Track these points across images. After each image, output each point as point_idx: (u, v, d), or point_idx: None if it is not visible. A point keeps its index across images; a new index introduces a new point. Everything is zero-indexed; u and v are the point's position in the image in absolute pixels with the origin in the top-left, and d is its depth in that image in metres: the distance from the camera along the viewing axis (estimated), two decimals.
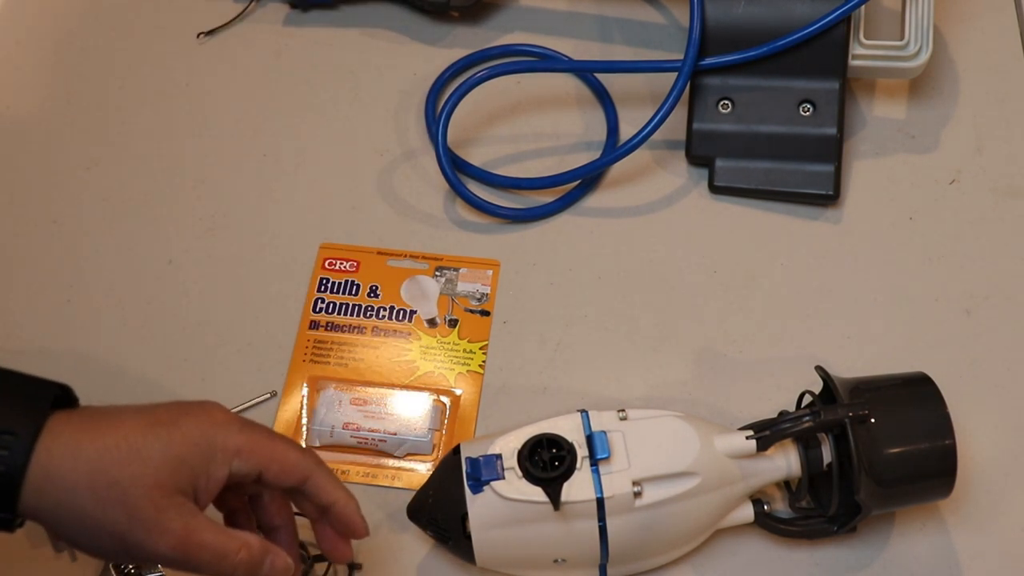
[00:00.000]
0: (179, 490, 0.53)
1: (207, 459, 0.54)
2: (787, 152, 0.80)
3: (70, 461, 0.52)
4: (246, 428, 0.56)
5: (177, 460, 0.53)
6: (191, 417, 0.55)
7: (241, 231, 0.82)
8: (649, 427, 0.64)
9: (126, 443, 0.53)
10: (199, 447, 0.54)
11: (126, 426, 0.53)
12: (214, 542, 0.54)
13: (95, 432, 0.53)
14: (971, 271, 0.78)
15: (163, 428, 0.53)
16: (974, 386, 0.73)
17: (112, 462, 0.52)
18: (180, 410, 0.55)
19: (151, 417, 0.54)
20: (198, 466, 0.54)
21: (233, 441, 0.55)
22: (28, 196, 0.83)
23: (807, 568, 0.68)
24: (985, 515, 0.69)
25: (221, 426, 0.55)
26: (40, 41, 0.91)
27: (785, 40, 0.79)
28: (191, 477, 0.54)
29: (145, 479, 0.52)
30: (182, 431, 0.54)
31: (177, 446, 0.53)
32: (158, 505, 0.52)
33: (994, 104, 0.85)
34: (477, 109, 0.85)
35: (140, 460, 0.52)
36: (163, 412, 0.55)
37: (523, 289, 0.79)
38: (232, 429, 0.55)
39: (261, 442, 0.56)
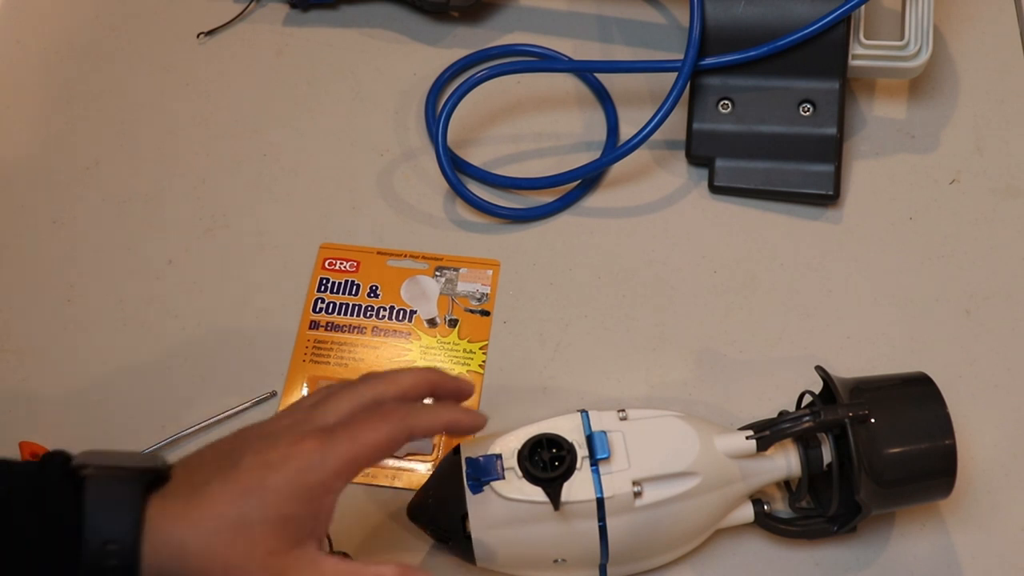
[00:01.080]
0: (294, 545, 0.52)
1: (309, 505, 0.52)
2: (787, 152, 0.80)
3: (179, 558, 0.51)
4: (330, 446, 0.53)
5: (280, 520, 0.51)
6: (275, 472, 0.52)
7: (241, 231, 0.82)
8: (649, 427, 0.64)
9: (225, 523, 0.51)
10: (297, 498, 0.52)
11: (218, 503, 0.51)
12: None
13: (194, 520, 0.51)
14: (971, 271, 0.78)
15: (254, 496, 0.51)
16: (974, 386, 0.73)
17: (220, 547, 0.51)
18: (262, 464, 0.52)
19: (239, 486, 0.52)
20: (303, 515, 0.52)
21: (326, 475, 0.52)
22: (28, 196, 0.83)
23: (807, 568, 0.68)
24: (985, 515, 0.69)
25: (307, 463, 0.52)
26: (40, 41, 0.91)
27: (785, 40, 0.79)
28: (299, 528, 0.52)
29: (256, 552, 0.51)
30: (273, 492, 0.51)
31: (274, 508, 0.51)
32: (277, 571, 0.51)
33: (994, 104, 0.85)
34: (477, 109, 0.85)
35: (245, 536, 0.51)
36: (247, 475, 0.52)
37: (523, 289, 0.79)
38: (317, 460, 0.52)
39: (352, 455, 0.53)
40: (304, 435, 0.53)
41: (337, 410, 0.55)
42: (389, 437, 0.54)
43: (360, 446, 0.53)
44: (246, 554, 0.51)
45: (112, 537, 0.50)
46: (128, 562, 0.50)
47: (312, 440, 0.53)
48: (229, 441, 0.55)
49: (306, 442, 0.53)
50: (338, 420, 0.54)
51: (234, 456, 0.53)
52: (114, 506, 0.51)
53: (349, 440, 0.53)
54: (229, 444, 0.54)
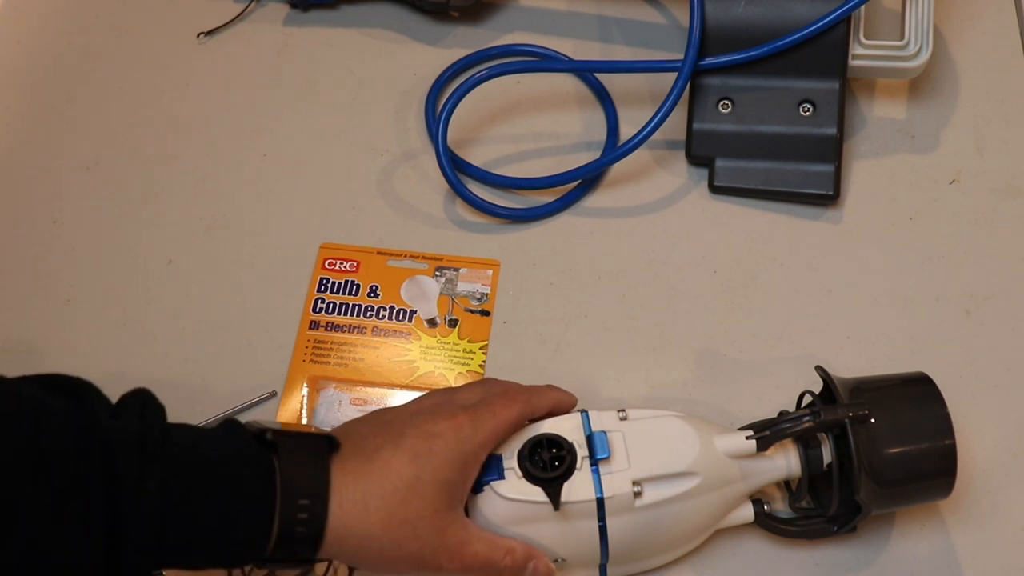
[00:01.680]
0: (451, 507, 0.59)
1: (464, 471, 0.60)
2: (787, 152, 0.80)
3: (362, 512, 0.57)
4: (477, 422, 0.60)
5: (444, 484, 0.58)
6: (439, 440, 0.59)
7: (241, 231, 0.82)
8: (649, 427, 0.64)
9: (402, 483, 0.57)
10: (456, 464, 0.59)
11: (394, 467, 0.58)
12: (484, 551, 0.60)
13: (373, 480, 0.57)
14: (971, 271, 0.78)
15: (424, 460, 0.58)
16: (974, 386, 0.73)
17: (397, 504, 0.57)
18: (426, 434, 0.59)
19: (409, 451, 0.58)
20: (459, 481, 0.59)
21: (477, 444, 0.60)
22: (28, 196, 0.83)
23: (807, 568, 0.68)
24: (985, 515, 0.69)
25: (463, 435, 0.60)
26: (40, 41, 0.91)
27: (785, 40, 0.79)
28: (455, 492, 0.59)
29: (426, 510, 0.58)
30: (439, 457, 0.58)
31: (440, 471, 0.58)
32: (439, 528, 0.58)
33: (994, 104, 0.85)
34: (477, 109, 0.85)
35: (418, 495, 0.58)
36: (415, 442, 0.59)
37: (523, 289, 0.79)
38: (469, 432, 0.60)
39: (496, 428, 0.61)
40: (456, 411, 0.61)
41: (473, 395, 0.63)
42: (520, 413, 0.63)
43: (500, 420, 0.61)
44: (419, 510, 0.58)
45: (305, 494, 0.56)
46: (318, 517, 0.56)
47: (465, 416, 0.60)
48: (381, 416, 0.62)
49: (460, 417, 0.60)
50: (477, 402, 0.62)
51: (396, 427, 0.60)
52: (306, 466, 0.57)
53: (491, 416, 0.61)
54: (384, 418, 0.61)
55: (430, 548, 0.58)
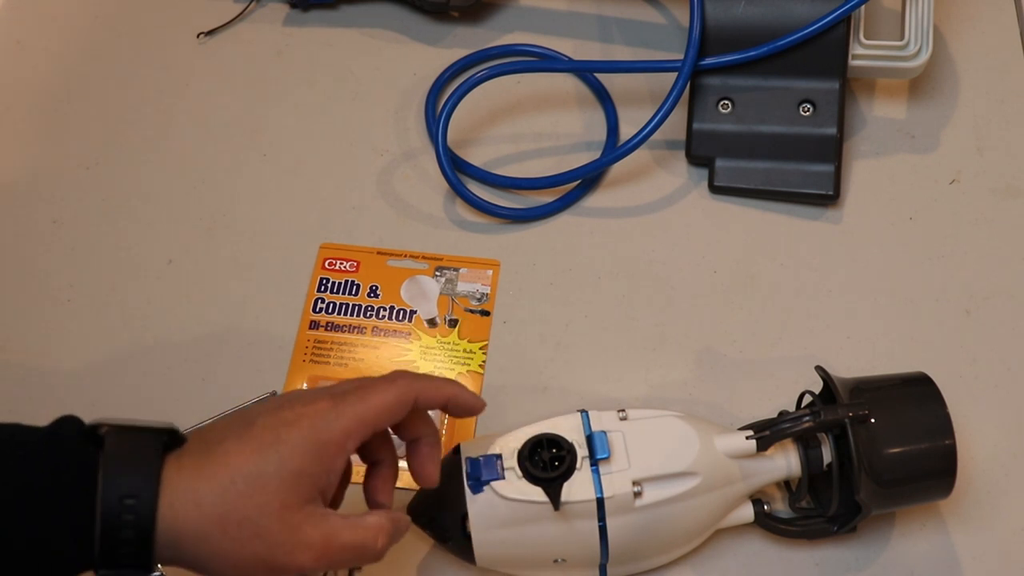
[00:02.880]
0: (306, 501, 0.53)
1: (321, 461, 0.54)
2: (787, 152, 0.80)
3: (195, 511, 0.51)
4: (342, 407, 0.55)
5: (294, 475, 0.53)
6: (291, 428, 0.54)
7: (241, 231, 0.82)
8: (649, 427, 0.64)
9: (241, 477, 0.52)
10: (309, 454, 0.53)
11: (234, 460, 0.53)
12: (352, 539, 0.54)
13: (208, 475, 0.52)
14: (971, 271, 0.78)
15: (270, 450, 0.53)
16: (974, 386, 0.73)
17: (235, 500, 0.52)
18: (277, 423, 0.54)
19: (254, 442, 0.53)
20: (316, 471, 0.54)
21: (338, 432, 0.54)
22: (28, 196, 0.83)
23: (807, 568, 0.68)
24: (985, 515, 0.69)
25: (321, 423, 0.54)
26: (40, 41, 0.91)
27: (785, 40, 0.79)
28: (312, 484, 0.54)
29: (271, 506, 0.52)
30: (289, 446, 0.53)
31: (289, 462, 0.53)
32: (291, 525, 0.53)
33: (994, 104, 0.85)
34: (477, 109, 0.85)
35: (260, 490, 0.52)
36: (262, 432, 0.54)
37: (523, 289, 0.79)
38: (330, 418, 0.54)
39: (362, 414, 0.55)
40: (319, 397, 0.55)
41: (354, 383, 0.57)
42: (396, 399, 0.56)
43: (368, 406, 0.55)
44: (261, 507, 0.52)
45: (130, 492, 0.51)
46: (145, 517, 0.51)
47: (327, 401, 0.55)
48: (241, 411, 0.56)
49: (319, 403, 0.55)
50: (352, 388, 0.56)
51: (248, 418, 0.55)
52: (131, 462, 0.51)
53: (359, 400, 0.55)
54: (241, 412, 0.56)
55: (283, 548, 0.52)
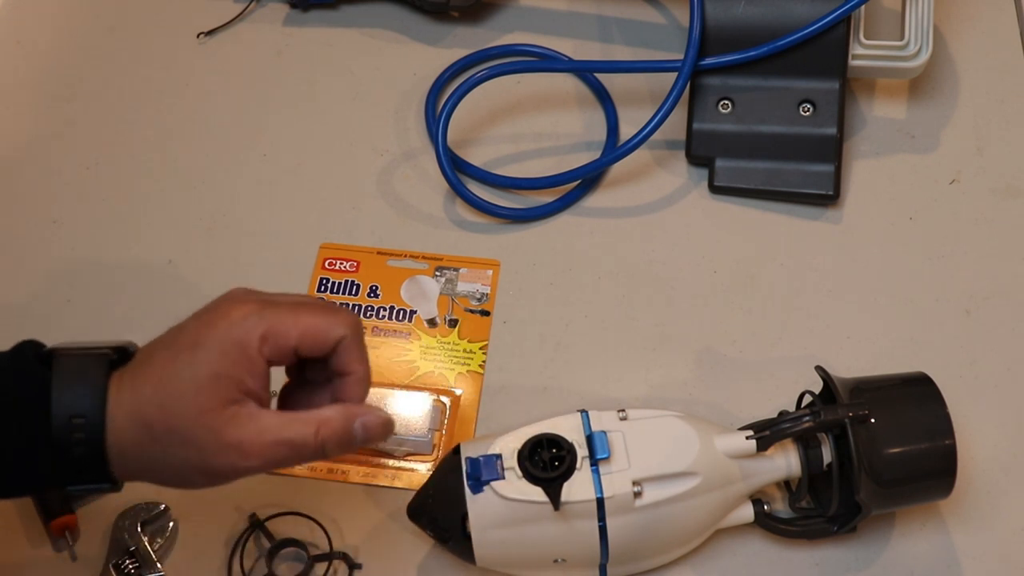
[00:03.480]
0: (229, 402, 0.52)
1: (240, 362, 0.53)
2: (787, 152, 0.80)
3: (129, 424, 0.52)
4: (267, 311, 0.54)
5: (212, 378, 0.52)
6: (211, 329, 0.53)
7: (241, 231, 0.82)
8: (649, 427, 0.64)
9: (161, 385, 0.52)
10: (228, 355, 0.52)
11: (158, 367, 0.53)
12: (286, 435, 0.53)
13: (138, 386, 0.53)
14: (971, 271, 0.78)
15: (187, 353, 0.53)
16: (974, 386, 0.73)
17: (157, 408, 0.52)
18: (200, 324, 0.54)
19: (175, 346, 0.53)
20: (235, 372, 0.53)
21: (256, 336, 0.53)
22: (28, 196, 0.83)
23: (807, 568, 0.68)
24: (985, 515, 0.69)
25: (239, 323, 0.53)
26: (40, 41, 0.91)
27: (785, 40, 0.79)
28: (233, 385, 0.52)
29: (189, 411, 0.52)
30: (206, 348, 0.52)
31: (205, 365, 0.52)
32: (212, 428, 0.52)
33: (994, 104, 0.85)
34: (477, 109, 0.85)
35: (177, 397, 0.52)
36: (184, 335, 0.54)
37: (523, 289, 0.78)
38: (251, 320, 0.53)
39: (284, 321, 0.54)
40: (248, 299, 0.55)
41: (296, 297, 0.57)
42: (327, 324, 0.55)
43: (296, 322, 0.54)
44: (180, 413, 0.52)
45: (78, 412, 0.52)
46: (93, 435, 0.52)
47: (253, 304, 0.54)
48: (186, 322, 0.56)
49: (247, 305, 0.54)
50: (288, 302, 0.56)
51: (183, 323, 0.55)
52: (80, 382, 0.53)
53: (289, 313, 0.54)
54: (185, 324, 0.55)
55: (210, 451, 0.52)
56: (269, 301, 0.55)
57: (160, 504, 0.69)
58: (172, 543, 0.69)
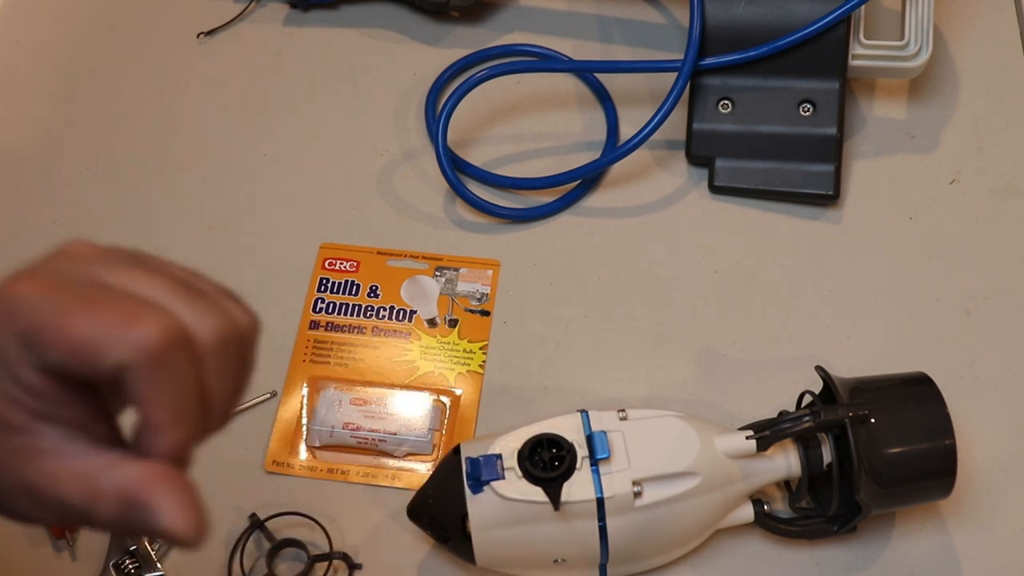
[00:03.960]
0: (8, 430, 0.38)
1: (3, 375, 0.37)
2: (787, 152, 0.80)
3: None
4: (37, 299, 0.37)
5: None
6: None
7: (241, 231, 0.82)
8: (649, 427, 0.64)
9: None
10: None
11: None
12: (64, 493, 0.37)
13: None
14: (971, 271, 0.78)
15: None
16: (974, 386, 0.73)
17: None
18: None
19: None
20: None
21: (10, 332, 0.37)
22: (28, 196, 0.83)
23: (807, 568, 0.68)
24: (985, 515, 0.69)
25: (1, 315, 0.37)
26: (40, 41, 0.91)
27: (785, 40, 0.79)
28: (6, 408, 0.37)
29: None
30: None
31: None
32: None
33: (994, 104, 0.85)
34: (477, 109, 0.85)
35: None
36: None
37: (523, 289, 0.79)
38: (14, 311, 0.37)
39: (53, 322, 0.37)
40: (30, 277, 0.39)
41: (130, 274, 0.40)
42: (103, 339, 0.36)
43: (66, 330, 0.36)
44: None
45: None
46: None
47: (31, 285, 0.38)
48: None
49: (22, 284, 0.38)
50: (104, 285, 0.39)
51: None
52: None
53: (66, 313, 0.37)
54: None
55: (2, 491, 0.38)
56: (61, 281, 0.38)
57: None
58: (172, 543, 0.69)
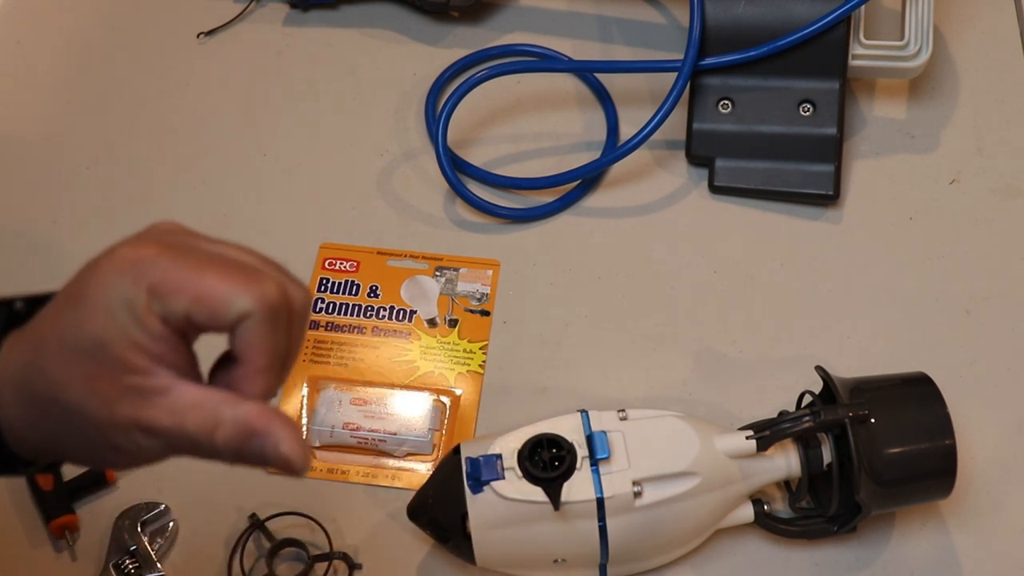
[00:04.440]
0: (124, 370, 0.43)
1: (130, 324, 0.42)
2: (787, 152, 0.80)
3: (13, 396, 0.45)
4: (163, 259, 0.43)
5: (94, 343, 0.42)
6: (94, 278, 0.43)
7: (241, 231, 0.81)
8: (649, 427, 0.64)
9: (45, 347, 0.43)
10: (113, 314, 0.42)
11: (41, 327, 0.44)
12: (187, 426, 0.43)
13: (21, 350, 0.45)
14: (971, 271, 0.78)
15: (71, 311, 0.43)
16: (974, 386, 0.73)
17: (40, 377, 0.43)
18: (90, 273, 0.44)
19: (61, 299, 0.44)
20: (123, 336, 0.42)
21: (142, 286, 0.42)
22: (28, 196, 0.83)
23: (807, 568, 0.68)
24: (985, 515, 0.69)
25: (126, 272, 0.43)
26: (40, 41, 0.91)
27: (785, 40, 0.79)
28: (124, 351, 0.42)
29: (74, 380, 0.43)
30: (89, 304, 0.43)
31: (88, 323, 0.42)
32: (104, 400, 0.43)
33: (994, 104, 0.85)
34: (477, 109, 0.85)
35: (61, 362, 0.43)
36: (72, 283, 0.44)
37: (523, 289, 0.78)
38: (141, 270, 0.43)
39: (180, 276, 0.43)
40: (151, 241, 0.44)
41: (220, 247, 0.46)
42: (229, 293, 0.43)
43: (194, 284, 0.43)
44: (64, 382, 0.43)
45: None
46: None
47: (151, 247, 0.43)
48: None
49: (146, 248, 0.43)
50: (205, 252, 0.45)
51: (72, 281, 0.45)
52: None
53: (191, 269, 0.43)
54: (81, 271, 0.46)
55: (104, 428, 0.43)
56: (175, 246, 0.44)
57: (160, 504, 0.69)
58: (172, 543, 0.69)
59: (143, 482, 0.71)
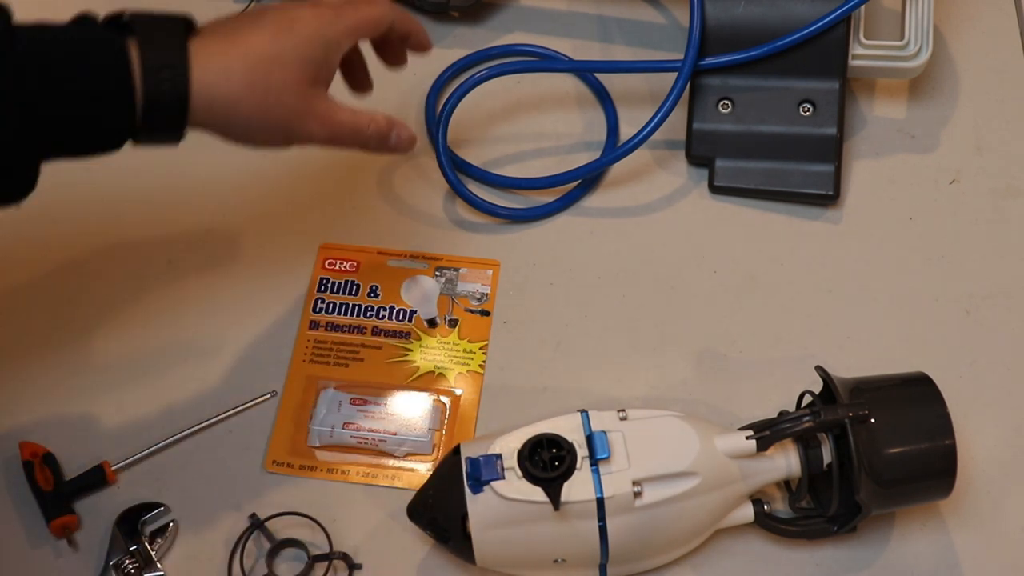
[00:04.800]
0: (313, 82, 0.63)
1: (327, 52, 0.64)
2: (787, 152, 0.80)
3: (225, 79, 0.60)
4: (341, 12, 0.65)
5: (305, 60, 0.62)
6: (300, 22, 0.63)
7: (241, 231, 0.81)
8: (649, 427, 0.64)
9: (264, 55, 0.61)
10: (317, 43, 0.63)
11: (255, 41, 0.61)
12: (350, 119, 0.66)
13: (234, 53, 0.60)
14: (971, 271, 0.78)
15: (287, 35, 0.62)
16: (974, 386, 0.73)
17: (261, 73, 0.61)
18: (287, 18, 0.63)
19: (271, 28, 0.62)
20: (320, 60, 0.63)
21: (340, 30, 0.64)
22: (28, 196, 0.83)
23: (807, 568, 0.68)
24: (985, 515, 0.69)
25: (326, 21, 0.64)
26: None
27: (785, 40, 0.79)
28: (317, 70, 0.63)
29: (289, 80, 0.62)
30: (301, 36, 0.63)
31: (302, 47, 0.62)
32: (304, 97, 0.63)
33: (994, 104, 0.85)
34: (477, 109, 0.85)
35: (281, 67, 0.61)
36: (274, 24, 0.62)
37: (523, 289, 0.78)
38: (332, 19, 0.64)
39: (357, 21, 0.65)
40: (317, 3, 0.65)
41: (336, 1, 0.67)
42: (381, 14, 0.67)
43: (362, 17, 0.66)
44: (283, 80, 0.62)
45: (165, 63, 0.58)
46: (180, 85, 0.58)
47: (328, 8, 0.65)
48: (246, 13, 0.65)
49: (322, 9, 0.65)
50: (341, 3, 0.66)
51: (257, 16, 0.63)
52: (161, 39, 0.59)
53: (354, 11, 0.66)
54: (247, 14, 0.64)
55: (298, 115, 0.63)
56: (334, 5, 0.65)
57: (160, 504, 0.69)
58: (172, 543, 0.69)
59: (143, 482, 0.71)
